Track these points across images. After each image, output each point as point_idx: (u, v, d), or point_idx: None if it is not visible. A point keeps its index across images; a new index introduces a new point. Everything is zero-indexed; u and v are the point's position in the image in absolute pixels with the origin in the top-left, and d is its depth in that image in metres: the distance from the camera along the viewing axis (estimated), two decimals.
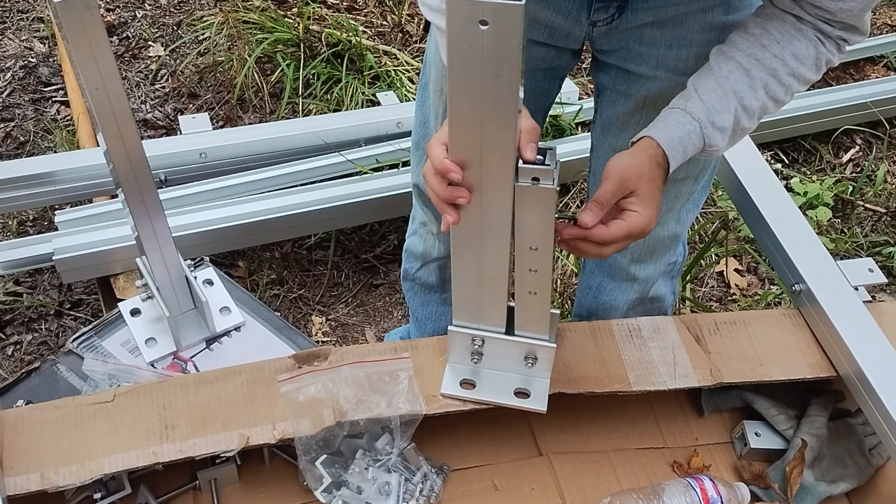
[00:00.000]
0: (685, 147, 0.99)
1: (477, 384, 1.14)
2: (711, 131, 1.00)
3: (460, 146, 0.87)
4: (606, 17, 1.09)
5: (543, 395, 1.13)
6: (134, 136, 1.11)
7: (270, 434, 1.07)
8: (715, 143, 1.01)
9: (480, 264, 1.02)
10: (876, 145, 2.49)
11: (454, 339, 1.13)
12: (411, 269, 1.54)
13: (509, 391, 1.14)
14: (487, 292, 1.06)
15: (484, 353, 1.14)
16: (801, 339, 1.27)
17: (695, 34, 1.09)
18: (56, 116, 2.31)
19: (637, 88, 1.16)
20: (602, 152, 1.29)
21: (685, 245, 1.43)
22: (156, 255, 1.27)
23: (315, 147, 1.97)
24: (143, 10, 2.68)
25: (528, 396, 1.14)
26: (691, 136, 0.99)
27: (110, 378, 1.29)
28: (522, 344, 1.11)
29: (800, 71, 1.00)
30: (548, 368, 1.13)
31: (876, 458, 1.27)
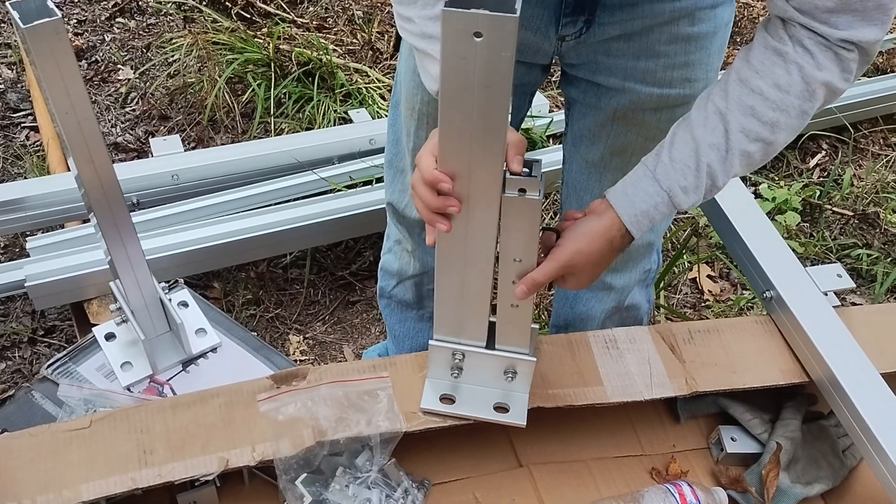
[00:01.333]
0: (652, 218, 0.98)
1: (457, 399, 1.15)
2: (681, 198, 0.97)
3: (450, 158, 0.88)
4: (574, 31, 1.10)
5: (523, 410, 1.14)
6: (105, 159, 1.11)
7: (250, 456, 1.07)
8: (684, 205, 0.99)
9: (464, 277, 1.02)
10: (842, 150, 2.54)
11: (434, 354, 1.14)
12: (387, 287, 1.55)
13: (489, 406, 1.14)
14: (470, 306, 1.06)
15: (464, 367, 1.14)
16: (773, 345, 1.29)
17: (661, 46, 1.11)
18: (25, 142, 2.29)
19: (606, 101, 1.18)
20: (574, 165, 1.30)
21: (659, 253, 1.44)
22: (129, 279, 1.27)
23: (288, 166, 1.97)
24: (112, 34, 2.67)
25: (507, 411, 1.14)
26: (658, 207, 0.98)
27: (86, 404, 1.27)
28: (503, 358, 1.12)
29: (786, 102, 0.93)
30: (527, 382, 1.14)
31: (849, 458, 1.29)
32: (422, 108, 1.23)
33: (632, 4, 1.06)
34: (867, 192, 2.38)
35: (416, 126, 1.26)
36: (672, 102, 1.15)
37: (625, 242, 1.00)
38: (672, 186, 0.97)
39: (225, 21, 2.59)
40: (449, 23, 0.76)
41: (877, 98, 2.57)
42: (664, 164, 0.97)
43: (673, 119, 1.13)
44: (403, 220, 1.41)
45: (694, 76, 1.14)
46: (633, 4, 1.06)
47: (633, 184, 0.99)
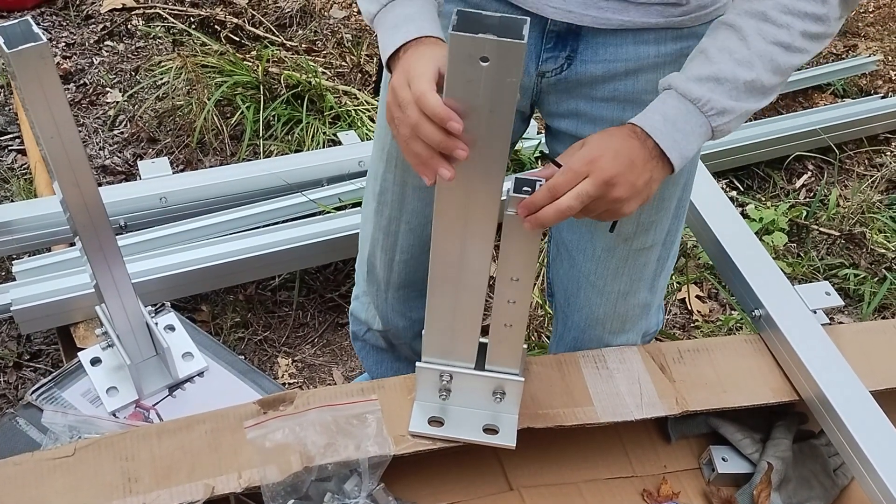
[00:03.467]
0: (675, 123, 0.90)
1: (445, 421, 1.14)
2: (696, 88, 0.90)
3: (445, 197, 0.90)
4: (555, 67, 1.07)
5: (512, 431, 1.13)
6: (90, 183, 1.10)
7: (236, 483, 1.06)
8: (712, 100, 0.89)
9: (457, 299, 1.02)
10: (827, 170, 2.56)
11: (422, 376, 1.13)
12: (359, 332, 1.53)
13: (478, 427, 1.14)
14: (461, 327, 1.06)
15: (452, 389, 1.13)
16: (763, 364, 1.29)
17: (648, 95, 1.03)
18: (13, 165, 2.28)
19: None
20: (565, 226, 1.24)
21: (661, 310, 1.39)
22: (115, 303, 1.26)
23: (277, 188, 1.96)
24: (101, 57, 2.67)
25: (496, 433, 1.14)
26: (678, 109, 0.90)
27: (71, 430, 1.26)
28: (492, 379, 1.11)
29: (797, 6, 0.88)
30: (516, 403, 1.13)
31: (841, 478, 1.29)
32: (391, 149, 1.19)
33: (615, 45, 1.04)
34: (853, 213, 2.39)
35: (385, 168, 1.23)
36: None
37: (647, 145, 0.90)
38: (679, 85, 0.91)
39: (214, 44, 2.60)
40: (456, 47, 0.77)
41: (861, 119, 2.60)
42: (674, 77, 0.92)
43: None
44: (372, 278, 1.38)
45: None
46: (616, 45, 1.04)
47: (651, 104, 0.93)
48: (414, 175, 1.15)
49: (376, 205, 1.28)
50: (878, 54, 2.98)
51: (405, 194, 1.23)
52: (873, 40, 3.12)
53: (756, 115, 2.72)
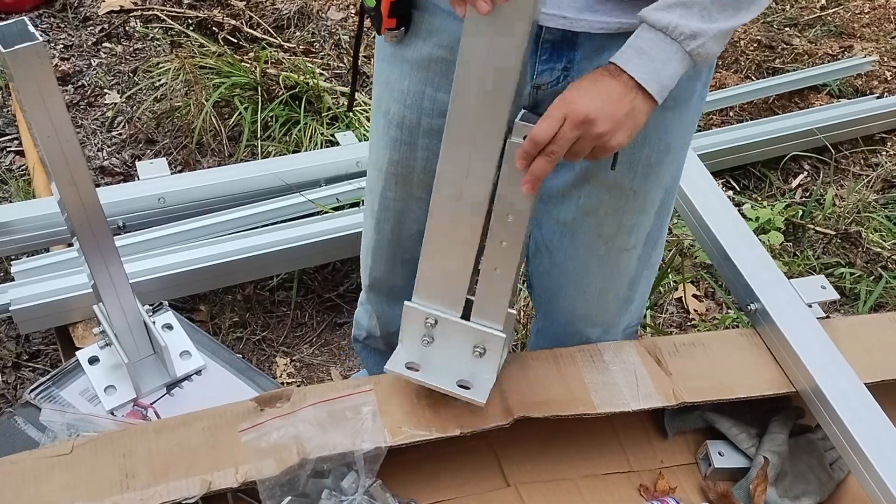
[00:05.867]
0: (648, 53, 0.90)
1: (422, 368, 1.12)
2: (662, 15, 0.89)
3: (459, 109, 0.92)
4: (551, 80, 1.03)
5: (485, 389, 1.10)
6: (88, 183, 1.11)
7: (233, 478, 1.06)
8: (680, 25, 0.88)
9: (454, 232, 1.02)
10: (823, 170, 2.57)
11: (409, 317, 1.12)
12: (360, 336, 1.54)
13: (453, 380, 1.11)
14: (454, 265, 1.05)
15: (435, 336, 1.12)
16: (759, 357, 1.30)
17: None
18: (11, 166, 2.28)
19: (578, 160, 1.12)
20: (545, 224, 1.23)
21: (643, 304, 1.37)
22: (113, 302, 1.26)
23: (275, 188, 1.97)
24: (99, 58, 2.67)
25: (469, 389, 1.11)
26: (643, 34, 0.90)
27: (69, 428, 1.26)
28: (475, 331, 1.09)
29: None
30: (495, 363, 1.11)
31: (837, 472, 1.29)
32: (389, 167, 1.19)
33: (612, 50, 0.97)
34: (849, 212, 2.40)
35: (384, 186, 1.22)
36: (645, 161, 1.10)
37: (622, 79, 0.90)
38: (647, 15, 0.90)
39: (212, 46, 2.61)
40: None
41: (856, 119, 2.60)
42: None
43: (647, 179, 1.11)
44: (373, 287, 1.39)
45: (669, 135, 1.09)
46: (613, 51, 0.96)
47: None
48: (417, 188, 1.17)
49: (375, 222, 1.28)
50: (874, 55, 2.99)
51: (407, 208, 1.23)
52: (869, 41, 3.13)
53: (752, 115, 2.73)
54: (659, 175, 1.13)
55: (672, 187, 1.20)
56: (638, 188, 1.13)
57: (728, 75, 2.88)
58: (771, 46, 3.04)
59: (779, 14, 3.23)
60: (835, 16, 3.25)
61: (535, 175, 0.93)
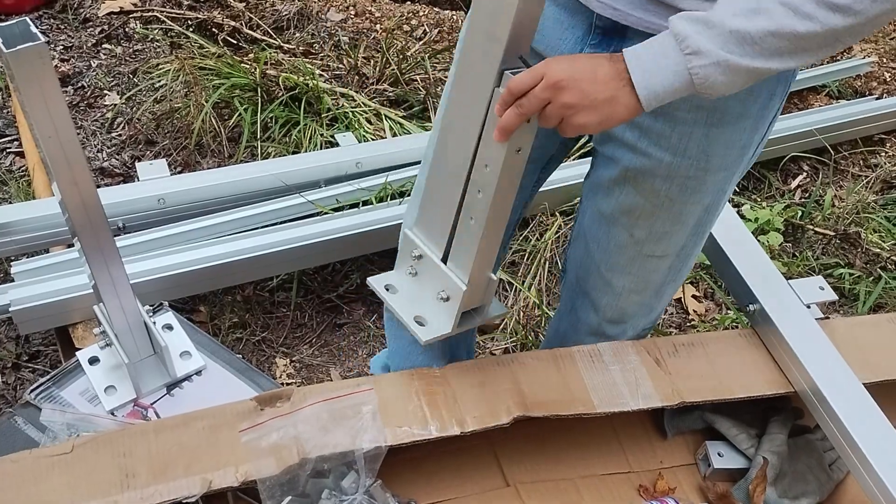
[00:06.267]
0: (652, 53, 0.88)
1: (397, 294, 1.16)
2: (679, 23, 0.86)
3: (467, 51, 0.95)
4: None
5: (435, 332, 1.11)
6: (89, 183, 1.11)
7: (233, 477, 1.06)
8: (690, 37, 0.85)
9: (446, 174, 1.04)
10: (822, 171, 2.58)
11: (404, 243, 1.15)
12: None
13: (412, 313, 1.13)
14: (442, 207, 1.07)
15: (418, 270, 1.15)
16: (758, 357, 1.30)
17: (681, 112, 1.03)
18: (11, 167, 2.29)
19: (620, 156, 1.12)
20: (588, 211, 1.25)
21: (661, 313, 1.39)
22: (113, 302, 1.26)
23: (275, 189, 1.97)
24: (99, 60, 2.68)
25: (423, 326, 1.12)
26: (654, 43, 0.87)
27: (69, 428, 1.26)
28: (445, 276, 1.11)
29: None
30: (452, 314, 1.11)
31: (836, 472, 1.29)
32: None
33: None
34: (848, 213, 2.40)
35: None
36: (684, 174, 1.09)
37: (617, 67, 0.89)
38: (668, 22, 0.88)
39: (212, 47, 2.61)
40: None
41: (856, 120, 2.61)
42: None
43: (684, 192, 1.11)
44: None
45: (712, 151, 1.06)
46: None
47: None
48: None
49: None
50: (873, 56, 3.00)
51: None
52: (868, 42, 3.14)
53: None
54: (697, 190, 1.12)
55: (713, 206, 1.18)
56: (674, 198, 1.13)
57: None
58: None
59: None
60: None
61: (504, 124, 0.92)
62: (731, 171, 1.13)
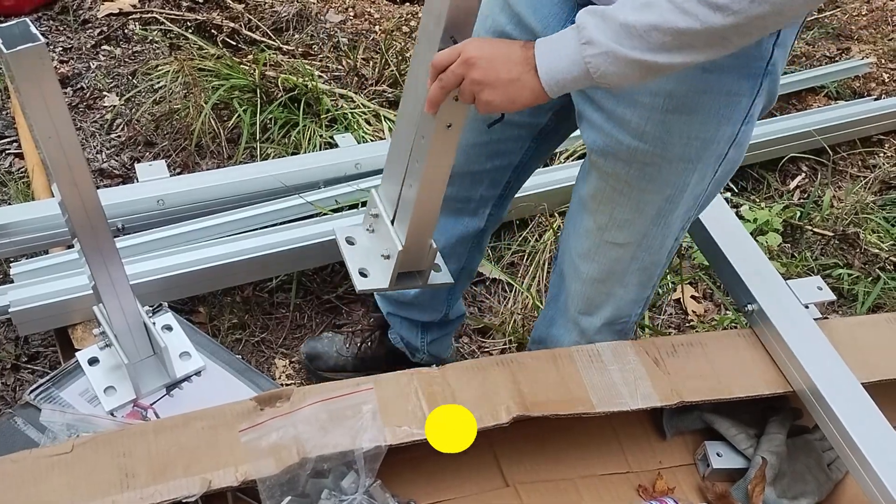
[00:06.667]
0: (558, 41, 0.94)
1: (354, 245, 1.25)
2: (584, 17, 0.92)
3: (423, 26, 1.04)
4: None
5: (371, 285, 1.21)
6: (88, 184, 1.11)
7: (233, 476, 1.06)
8: (587, 28, 0.90)
9: (399, 139, 1.14)
10: (821, 172, 2.58)
11: (369, 201, 1.25)
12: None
13: (357, 266, 1.22)
14: (393, 170, 1.16)
15: (374, 228, 1.25)
16: (757, 357, 1.30)
17: (640, 96, 1.05)
18: (10, 168, 2.29)
19: (589, 138, 1.14)
20: (572, 199, 1.28)
21: (639, 305, 1.35)
22: (113, 303, 1.26)
23: (274, 190, 1.97)
24: (98, 61, 2.68)
25: (365, 277, 1.22)
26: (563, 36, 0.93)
27: (69, 428, 1.26)
28: (389, 236, 1.20)
29: None
30: (388, 271, 1.20)
31: (835, 472, 1.30)
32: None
33: None
34: (847, 213, 2.41)
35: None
36: (642, 159, 1.11)
37: (527, 53, 0.95)
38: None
39: (211, 48, 2.61)
40: None
41: (854, 121, 2.61)
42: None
43: (643, 178, 1.12)
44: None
45: (667, 137, 1.08)
46: None
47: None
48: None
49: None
50: (871, 57, 3.01)
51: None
52: (866, 43, 3.15)
53: None
54: (655, 179, 1.13)
55: (675, 198, 1.17)
56: (633, 184, 1.14)
57: None
58: None
59: None
60: (832, 18, 3.26)
61: (430, 97, 1.00)
62: (693, 164, 1.12)
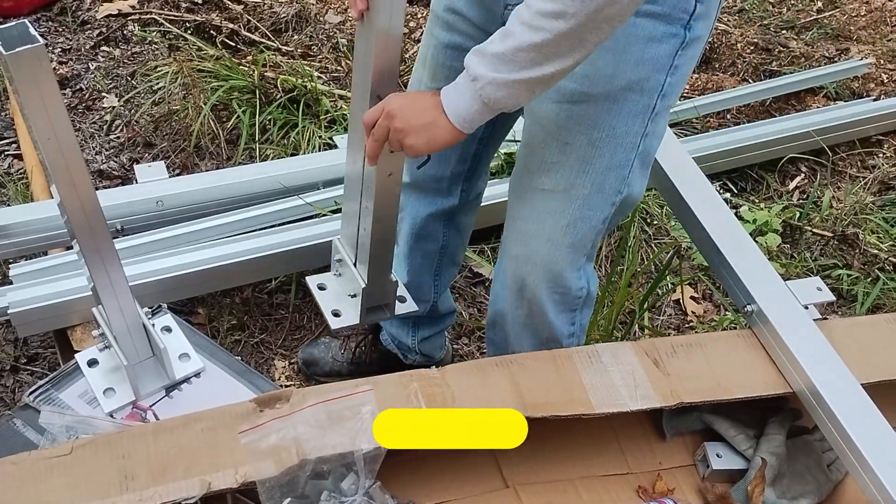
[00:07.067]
0: (458, 85, 1.05)
1: (326, 289, 1.38)
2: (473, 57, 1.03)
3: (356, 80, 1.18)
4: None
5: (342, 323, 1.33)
6: (87, 185, 1.11)
7: (233, 478, 1.06)
8: (471, 66, 1.02)
9: (350, 183, 1.24)
10: (820, 172, 2.58)
11: (333, 249, 1.37)
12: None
13: (330, 308, 1.35)
14: (348, 214, 1.28)
15: (340, 271, 1.37)
16: (756, 358, 1.30)
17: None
18: (9, 170, 2.28)
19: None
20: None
21: (587, 281, 1.31)
22: (112, 304, 1.26)
23: (273, 191, 1.97)
24: (97, 62, 2.68)
25: (338, 316, 1.34)
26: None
27: (68, 430, 1.26)
28: (354, 276, 1.32)
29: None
30: (357, 308, 1.32)
31: (834, 473, 1.30)
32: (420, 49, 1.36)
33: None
34: (846, 214, 2.41)
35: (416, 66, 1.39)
36: (569, 97, 1.15)
37: (436, 99, 1.07)
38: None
39: (210, 49, 2.61)
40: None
41: (853, 122, 2.61)
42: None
43: (570, 118, 1.17)
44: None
45: (594, 76, 1.12)
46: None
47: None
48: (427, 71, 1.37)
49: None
50: (870, 57, 3.00)
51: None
52: (865, 43, 3.15)
53: (749, 117, 2.74)
54: (582, 120, 1.16)
55: (601, 143, 1.17)
56: (561, 124, 1.18)
57: (725, 78, 2.89)
58: (768, 49, 3.05)
59: (775, 17, 3.24)
60: (831, 18, 3.26)
61: (369, 153, 1.12)
62: (617, 104, 1.15)
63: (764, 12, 3.27)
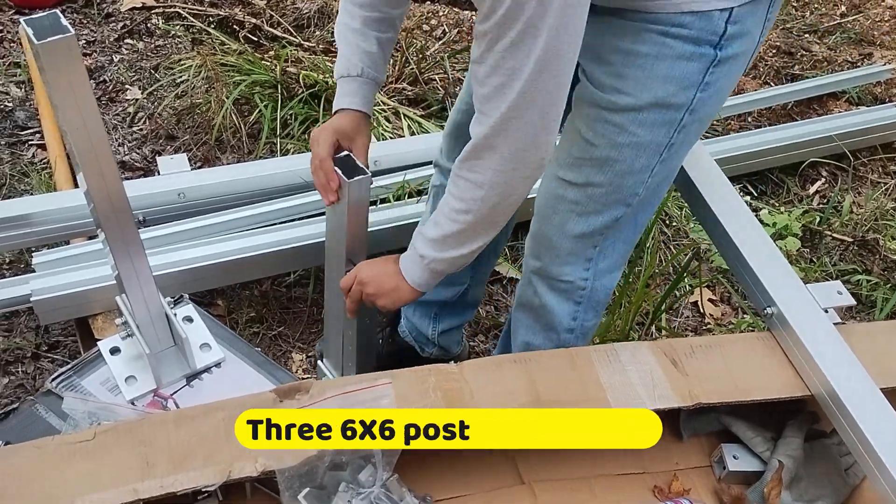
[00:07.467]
0: (410, 256, 1.27)
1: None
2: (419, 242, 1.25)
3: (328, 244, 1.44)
4: None
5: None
6: (114, 174, 1.12)
7: (252, 467, 1.07)
8: (416, 245, 1.25)
9: (332, 321, 1.44)
10: (841, 177, 2.56)
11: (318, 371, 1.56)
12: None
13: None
14: (334, 344, 1.51)
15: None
16: (775, 360, 1.30)
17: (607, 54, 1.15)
18: (33, 159, 2.31)
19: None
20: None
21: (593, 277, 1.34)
22: (136, 293, 1.28)
23: (293, 186, 1.98)
24: (120, 55, 2.70)
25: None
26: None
27: (90, 417, 1.28)
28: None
29: (449, 200, 1.19)
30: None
31: (852, 477, 1.29)
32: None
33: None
34: (866, 219, 2.39)
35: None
36: (599, 103, 1.19)
37: (397, 267, 1.29)
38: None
39: (233, 44, 2.63)
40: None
41: (875, 127, 2.59)
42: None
43: (598, 119, 1.20)
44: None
45: (623, 88, 1.16)
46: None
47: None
48: None
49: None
50: (893, 63, 2.98)
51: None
52: (889, 49, 3.12)
53: (771, 120, 2.73)
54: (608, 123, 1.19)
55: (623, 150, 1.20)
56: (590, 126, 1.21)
57: (747, 81, 2.88)
58: (790, 53, 3.03)
59: (798, 21, 3.22)
60: (855, 23, 3.24)
61: (349, 309, 1.39)
62: (643, 115, 1.17)
63: (787, 16, 3.25)
